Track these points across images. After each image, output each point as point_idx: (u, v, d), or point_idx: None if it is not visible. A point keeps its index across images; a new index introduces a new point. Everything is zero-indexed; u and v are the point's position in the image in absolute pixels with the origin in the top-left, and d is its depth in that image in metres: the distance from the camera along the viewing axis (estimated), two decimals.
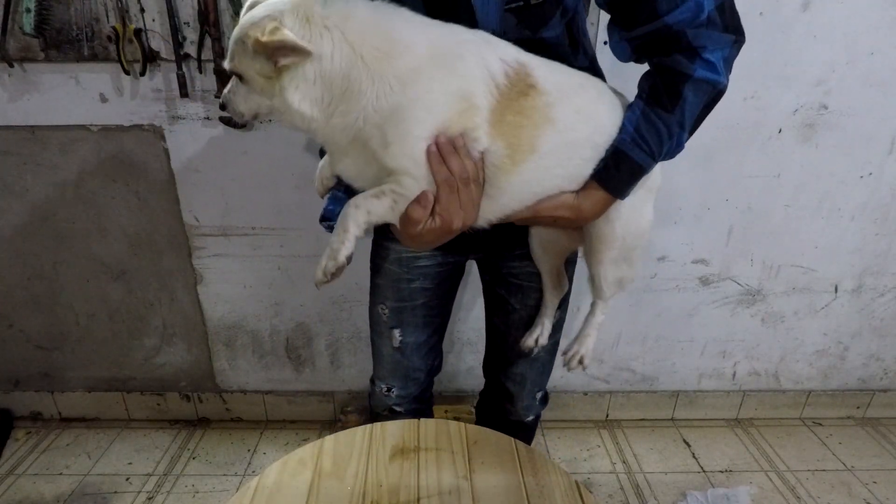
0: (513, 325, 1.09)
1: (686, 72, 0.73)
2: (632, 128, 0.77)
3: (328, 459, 0.87)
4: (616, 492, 1.59)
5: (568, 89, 0.76)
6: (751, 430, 1.85)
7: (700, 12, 0.71)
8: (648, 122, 0.76)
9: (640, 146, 0.77)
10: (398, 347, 1.08)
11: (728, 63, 0.76)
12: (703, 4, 0.71)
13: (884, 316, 1.75)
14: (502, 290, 1.09)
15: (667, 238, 1.61)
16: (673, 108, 0.75)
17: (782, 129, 1.48)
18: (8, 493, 1.56)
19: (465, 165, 0.69)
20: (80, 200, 1.54)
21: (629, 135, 0.77)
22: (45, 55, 1.34)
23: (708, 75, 0.74)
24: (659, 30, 0.73)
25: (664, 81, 0.75)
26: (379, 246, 1.05)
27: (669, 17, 0.71)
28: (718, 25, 0.73)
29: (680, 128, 0.77)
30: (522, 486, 0.82)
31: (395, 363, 1.10)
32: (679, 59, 0.74)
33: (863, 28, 1.37)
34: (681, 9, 0.71)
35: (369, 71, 0.67)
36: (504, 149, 0.72)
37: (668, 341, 1.77)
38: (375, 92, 0.67)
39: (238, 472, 1.66)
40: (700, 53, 0.73)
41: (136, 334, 1.73)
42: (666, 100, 0.75)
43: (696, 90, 0.74)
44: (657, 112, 0.76)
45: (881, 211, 1.59)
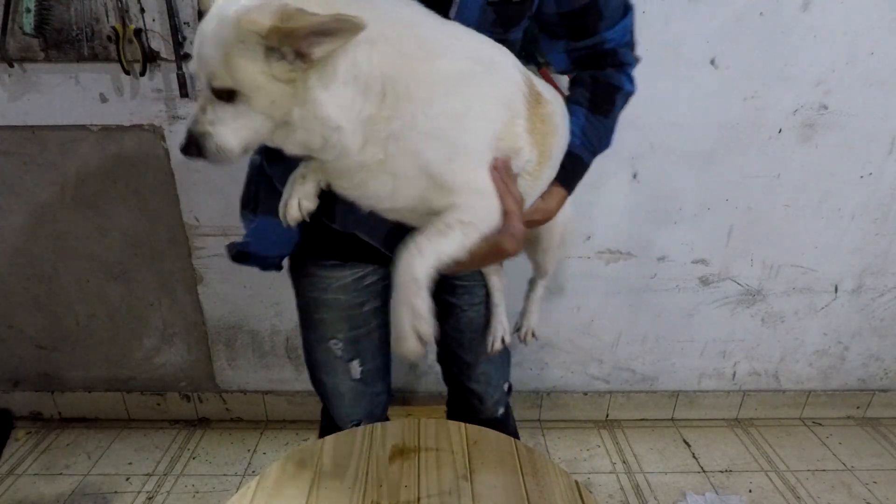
0: (466, 327, 1.08)
1: (618, 84, 0.84)
2: (580, 132, 0.84)
3: (328, 459, 0.87)
4: (616, 492, 1.59)
5: (554, 96, 0.81)
6: (751, 430, 1.85)
7: (626, 33, 0.83)
8: (592, 126, 0.84)
9: (587, 148, 0.84)
10: (360, 378, 1.01)
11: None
12: (628, 27, 0.83)
13: (884, 316, 1.75)
14: (447, 294, 1.06)
15: (667, 238, 1.61)
16: (609, 114, 0.85)
17: (782, 129, 1.48)
18: (8, 493, 1.56)
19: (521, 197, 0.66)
20: (80, 200, 1.54)
21: (579, 139, 0.84)
22: (45, 55, 1.34)
23: (630, 88, 0.85)
24: (597, 44, 0.82)
25: (601, 92, 0.85)
26: (312, 277, 0.97)
27: (608, 33, 0.81)
28: (632, 45, 0.85)
29: (611, 131, 0.87)
30: (522, 486, 0.82)
31: (357, 395, 1.03)
32: (612, 73, 0.84)
33: (863, 28, 1.37)
34: (616, 27, 0.81)
35: (414, 71, 0.56)
36: (537, 157, 0.70)
37: (668, 341, 1.77)
38: (426, 95, 0.56)
39: (238, 472, 1.66)
40: (625, 69, 0.85)
41: (136, 334, 1.73)
42: (605, 107, 0.84)
43: (623, 99, 0.86)
44: (598, 118, 0.84)
45: (881, 211, 1.59)
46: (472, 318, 1.08)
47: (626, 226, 1.58)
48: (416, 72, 0.56)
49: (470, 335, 1.08)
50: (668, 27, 1.36)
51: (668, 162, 1.50)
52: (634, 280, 1.67)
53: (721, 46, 1.38)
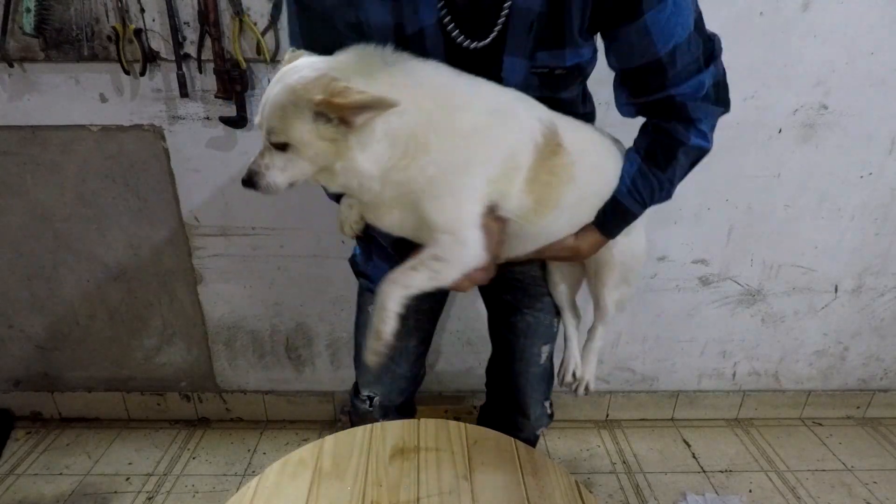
0: (521, 333, 1.08)
1: (682, 139, 0.81)
2: (629, 180, 0.84)
3: (328, 459, 0.87)
4: (616, 492, 1.59)
5: (585, 147, 0.81)
6: (751, 430, 1.85)
7: (701, 88, 0.78)
8: (644, 177, 0.83)
9: (634, 197, 0.84)
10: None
11: (713, 129, 0.84)
12: (704, 82, 0.77)
13: (884, 316, 1.75)
14: (508, 295, 1.07)
15: (667, 238, 1.61)
16: (666, 168, 0.83)
17: (782, 129, 1.48)
18: (8, 493, 1.56)
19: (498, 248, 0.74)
20: (80, 200, 1.54)
21: (626, 186, 0.84)
22: (45, 55, 1.34)
23: (700, 143, 0.81)
24: (664, 99, 0.79)
25: (662, 143, 0.82)
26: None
27: (675, 89, 0.77)
28: (712, 99, 0.80)
29: (670, 184, 0.85)
30: (522, 486, 0.82)
31: (381, 368, 1.05)
32: (678, 126, 0.80)
33: (863, 28, 1.37)
34: (687, 83, 0.77)
35: (434, 127, 0.66)
36: (532, 204, 0.76)
37: (668, 341, 1.77)
38: (440, 147, 0.66)
39: (238, 472, 1.66)
40: (695, 124, 0.80)
41: (136, 334, 1.73)
42: (662, 160, 0.82)
43: (687, 154, 0.82)
44: (653, 170, 0.83)
45: (881, 211, 1.59)
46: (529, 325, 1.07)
47: None
48: (438, 127, 0.66)
49: (524, 341, 1.07)
50: None
51: None
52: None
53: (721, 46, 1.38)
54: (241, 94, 1.37)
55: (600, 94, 0.95)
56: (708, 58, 0.77)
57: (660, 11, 0.71)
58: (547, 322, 1.08)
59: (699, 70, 0.77)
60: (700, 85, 0.77)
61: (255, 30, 1.31)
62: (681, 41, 0.74)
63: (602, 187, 0.85)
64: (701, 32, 0.76)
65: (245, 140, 1.46)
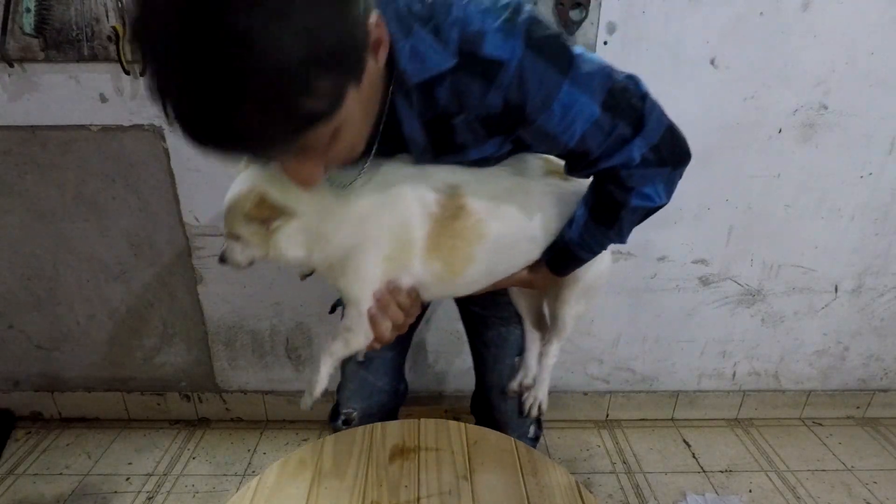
0: (492, 345, 1.10)
1: (621, 202, 0.79)
2: (577, 234, 0.84)
3: (328, 459, 0.87)
4: (616, 492, 1.59)
5: (496, 201, 0.82)
6: (751, 430, 1.85)
7: (631, 160, 0.74)
8: (591, 233, 0.83)
9: (584, 248, 0.85)
10: (363, 363, 1.07)
11: (670, 185, 0.80)
12: (632, 154, 0.73)
13: (884, 316, 1.75)
14: (476, 307, 1.11)
15: (667, 238, 1.61)
16: (612, 225, 0.82)
17: (782, 129, 1.48)
18: (8, 493, 1.56)
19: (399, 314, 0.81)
20: (80, 200, 1.54)
21: (576, 238, 0.84)
22: (45, 55, 1.34)
23: (642, 204, 0.79)
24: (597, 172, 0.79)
25: (604, 203, 0.81)
26: None
27: (603, 163, 0.75)
28: (653, 163, 0.75)
29: (619, 235, 0.84)
30: (522, 486, 0.82)
31: (359, 381, 1.07)
32: (616, 191, 0.78)
33: (863, 28, 1.37)
34: (613, 158, 0.74)
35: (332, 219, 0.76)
36: (441, 267, 0.81)
37: (668, 341, 1.77)
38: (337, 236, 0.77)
39: (238, 472, 1.66)
40: (634, 189, 0.77)
41: (136, 334, 1.73)
42: (605, 218, 0.82)
43: (630, 214, 0.81)
44: (599, 226, 0.82)
45: (881, 211, 1.59)
46: (501, 335, 1.08)
47: None
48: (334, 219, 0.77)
49: (496, 352, 1.08)
50: (668, 27, 1.36)
51: None
52: (634, 280, 1.67)
53: (721, 46, 1.38)
54: None
55: None
56: (636, 127, 0.72)
57: (548, 116, 0.70)
58: (518, 333, 1.09)
59: (624, 142, 0.72)
60: (629, 157, 0.73)
61: None
62: (587, 128, 0.71)
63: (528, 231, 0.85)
64: (615, 111, 0.71)
65: None
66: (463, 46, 0.65)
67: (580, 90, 0.69)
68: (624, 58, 1.37)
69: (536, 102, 0.69)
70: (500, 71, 0.66)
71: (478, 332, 1.13)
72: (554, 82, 0.67)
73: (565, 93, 0.68)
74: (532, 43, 0.65)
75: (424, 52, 0.66)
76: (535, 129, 0.72)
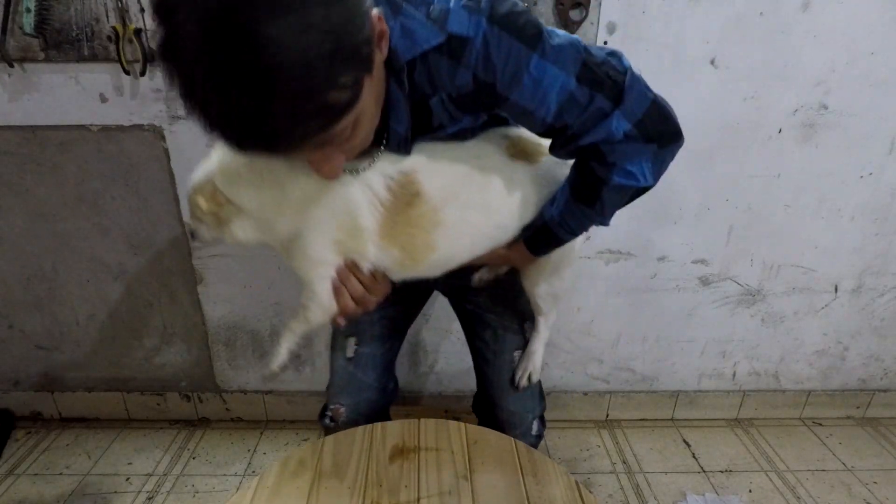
0: (490, 340, 1.09)
1: (603, 178, 0.76)
2: (558, 212, 0.82)
3: (328, 459, 0.87)
4: (616, 492, 1.59)
5: (452, 187, 0.80)
6: (751, 430, 1.85)
7: (613, 133, 0.71)
8: (571, 212, 0.81)
9: (563, 227, 0.83)
10: (352, 358, 1.06)
11: (657, 164, 0.76)
12: (612, 126, 0.71)
13: (884, 316, 1.75)
14: (470, 305, 1.10)
15: (667, 238, 1.61)
16: (593, 204, 0.79)
17: (782, 129, 1.48)
18: (8, 493, 1.56)
19: (358, 288, 0.81)
20: (80, 200, 1.54)
21: (556, 216, 0.82)
22: (45, 55, 1.34)
23: (624, 182, 0.76)
24: (578, 148, 0.76)
25: (585, 181, 0.78)
26: None
27: (583, 139, 0.73)
28: (637, 137, 0.72)
29: (601, 216, 0.82)
30: (522, 486, 0.82)
31: (347, 377, 1.06)
32: (596, 166, 0.75)
33: (863, 28, 1.37)
34: (593, 132, 0.72)
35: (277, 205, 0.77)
36: (400, 252, 0.81)
37: (668, 341, 1.77)
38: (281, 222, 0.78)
39: (238, 472, 1.66)
40: (616, 165, 0.74)
41: (136, 334, 1.73)
42: (586, 196, 0.79)
43: (613, 192, 0.77)
44: (579, 206, 0.80)
45: (881, 211, 1.59)
46: (497, 331, 1.08)
47: (625, 226, 1.58)
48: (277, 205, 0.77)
49: (494, 347, 1.08)
50: (668, 27, 1.36)
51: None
52: (634, 280, 1.67)
53: (721, 46, 1.38)
54: None
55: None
56: (615, 100, 0.70)
57: (521, 92, 0.70)
58: (514, 327, 1.08)
59: (603, 116, 0.71)
60: (609, 130, 0.71)
61: None
62: (563, 101, 0.70)
63: (491, 217, 0.85)
64: (592, 83, 0.69)
65: None
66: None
67: (550, 62, 0.68)
68: None
69: (506, 78, 0.68)
70: (465, 48, 0.66)
71: (474, 331, 1.12)
72: (522, 56, 0.67)
73: (534, 66, 0.67)
74: (496, 18, 0.66)
75: (414, 28, 0.66)
76: (511, 105, 0.72)
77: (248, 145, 0.58)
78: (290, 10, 0.48)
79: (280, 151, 0.61)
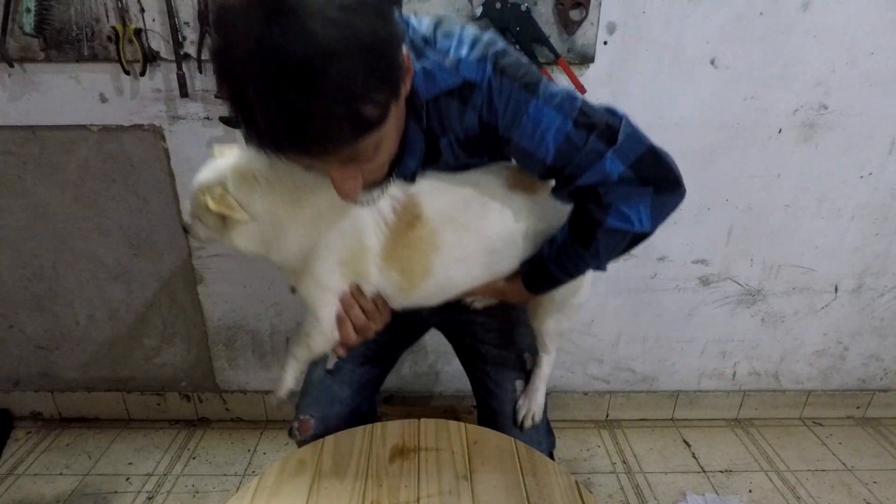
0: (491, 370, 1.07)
1: (598, 220, 0.78)
2: (555, 251, 0.84)
3: (328, 459, 0.87)
4: (616, 492, 1.59)
5: (451, 212, 0.83)
6: (751, 430, 1.85)
7: (609, 174, 0.74)
8: (566, 252, 0.83)
9: (558, 266, 0.84)
10: (330, 370, 1.05)
11: (656, 211, 0.79)
12: (607, 171, 0.74)
13: (884, 316, 1.75)
14: (468, 338, 1.10)
15: (667, 238, 1.61)
16: (588, 246, 0.81)
17: (782, 129, 1.48)
18: (8, 493, 1.56)
19: (361, 317, 0.83)
20: (80, 200, 1.54)
21: (553, 254, 0.84)
22: (45, 55, 1.34)
23: (620, 225, 0.78)
24: (575, 189, 0.79)
25: (581, 221, 0.81)
26: None
27: (580, 180, 0.76)
28: (634, 181, 0.75)
29: (596, 259, 0.83)
30: (522, 486, 0.82)
31: (322, 388, 1.04)
32: (592, 207, 0.78)
33: (863, 28, 1.37)
34: (589, 173, 0.75)
35: (289, 218, 0.79)
36: (398, 276, 0.83)
37: (668, 341, 1.77)
38: (292, 238, 0.80)
39: (238, 472, 1.66)
40: (612, 207, 0.77)
41: (136, 334, 1.73)
42: (582, 237, 0.81)
43: (608, 235, 0.79)
44: (575, 247, 0.82)
45: (881, 211, 1.59)
46: (497, 360, 1.07)
47: None
48: (290, 218, 0.79)
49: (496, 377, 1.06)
50: (668, 27, 1.36)
51: None
52: (634, 280, 1.67)
53: (721, 46, 1.38)
54: None
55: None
56: (609, 141, 0.74)
57: (521, 132, 0.75)
58: (513, 357, 1.07)
59: (598, 156, 0.74)
60: (604, 170, 0.74)
61: None
62: (560, 142, 0.74)
63: (487, 243, 0.86)
64: (587, 126, 0.74)
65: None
66: None
67: (548, 106, 0.74)
68: (624, 58, 1.37)
69: (507, 120, 0.75)
70: (472, 91, 0.74)
71: (473, 363, 1.10)
72: (522, 99, 0.74)
73: (533, 108, 0.74)
74: (500, 67, 0.73)
75: (434, 72, 0.73)
76: (513, 147, 0.78)
77: (286, 145, 0.61)
78: (339, 24, 0.55)
79: (314, 154, 0.64)
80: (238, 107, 0.59)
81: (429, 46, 0.74)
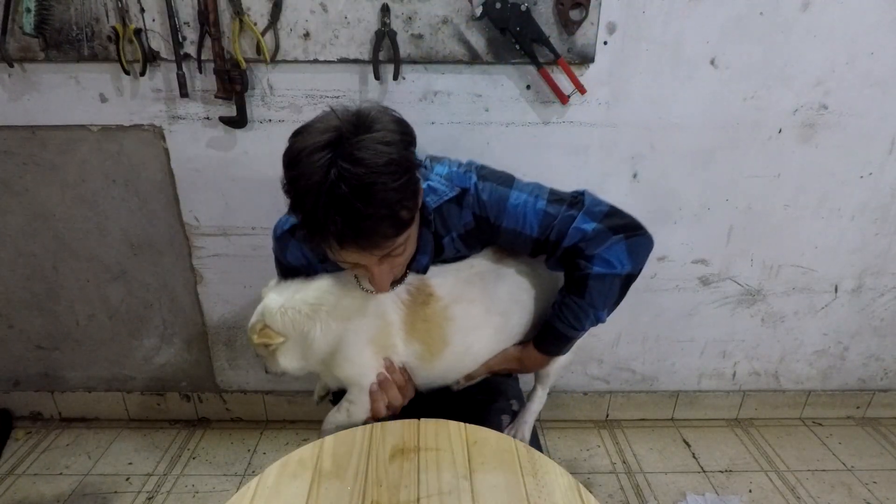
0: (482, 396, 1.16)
1: (586, 270, 0.95)
2: (557, 309, 1.00)
3: (328, 459, 0.87)
4: (616, 492, 1.59)
5: (457, 289, 1.00)
6: (751, 430, 1.85)
7: (585, 233, 0.93)
8: (566, 307, 0.98)
9: (563, 321, 0.99)
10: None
11: (633, 253, 0.95)
12: (583, 229, 0.93)
13: (884, 316, 1.75)
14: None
15: (667, 238, 1.61)
16: (583, 295, 0.96)
17: (782, 129, 1.48)
18: (8, 493, 1.56)
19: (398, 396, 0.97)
20: (80, 200, 1.54)
21: (556, 313, 1.00)
22: (45, 55, 1.34)
23: (604, 270, 0.94)
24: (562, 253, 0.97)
25: (573, 275, 0.98)
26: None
27: (564, 243, 0.95)
28: (606, 232, 0.93)
29: (593, 308, 0.97)
30: (522, 486, 0.82)
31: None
32: (579, 261, 0.95)
33: (863, 28, 1.37)
34: (569, 235, 0.94)
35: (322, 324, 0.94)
36: (421, 347, 0.97)
37: (668, 341, 1.77)
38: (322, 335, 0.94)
39: (238, 472, 1.66)
40: (595, 257, 0.94)
41: (136, 334, 1.73)
42: (575, 289, 0.97)
43: (598, 282, 0.95)
44: (572, 299, 0.98)
45: (881, 211, 1.59)
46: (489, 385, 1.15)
47: None
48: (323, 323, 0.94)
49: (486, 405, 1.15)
50: (668, 27, 1.36)
51: (668, 162, 1.50)
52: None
53: (721, 46, 1.38)
54: (241, 94, 1.37)
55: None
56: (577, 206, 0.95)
57: (507, 217, 0.96)
58: (500, 399, 1.16)
59: (573, 219, 0.94)
60: (580, 231, 0.93)
61: (256, 30, 1.31)
62: (540, 217, 0.95)
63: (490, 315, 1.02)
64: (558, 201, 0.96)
65: (245, 140, 1.46)
66: None
67: (525, 193, 0.96)
68: (624, 58, 1.37)
69: (494, 210, 0.96)
70: (465, 195, 0.96)
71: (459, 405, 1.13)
72: (502, 192, 0.96)
73: (513, 196, 0.96)
74: (481, 175, 0.98)
75: (437, 187, 0.95)
76: (504, 232, 0.97)
77: (347, 241, 0.79)
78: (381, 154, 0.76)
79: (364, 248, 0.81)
80: (309, 218, 0.78)
81: (427, 170, 0.97)
